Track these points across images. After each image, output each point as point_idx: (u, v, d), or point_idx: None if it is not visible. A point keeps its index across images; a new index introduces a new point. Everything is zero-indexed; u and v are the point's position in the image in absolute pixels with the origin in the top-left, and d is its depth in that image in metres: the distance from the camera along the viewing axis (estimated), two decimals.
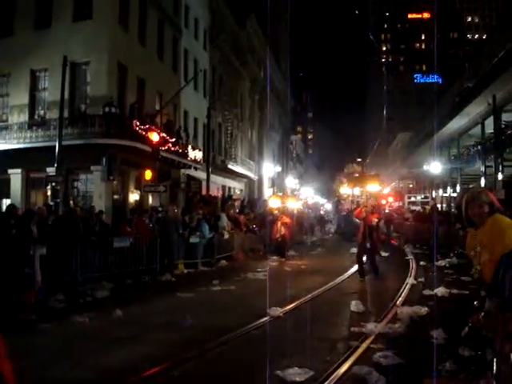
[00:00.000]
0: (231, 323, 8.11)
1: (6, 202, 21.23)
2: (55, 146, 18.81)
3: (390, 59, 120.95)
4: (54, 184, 21.34)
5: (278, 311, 8.84)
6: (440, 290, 10.80)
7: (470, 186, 33.31)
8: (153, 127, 21.94)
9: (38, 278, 10.21)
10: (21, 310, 9.10)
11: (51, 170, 19.62)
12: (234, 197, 33.95)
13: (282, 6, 64.14)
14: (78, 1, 22.10)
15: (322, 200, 78.54)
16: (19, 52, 21.99)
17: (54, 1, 22.36)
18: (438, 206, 35.87)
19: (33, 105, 23.06)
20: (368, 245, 13.55)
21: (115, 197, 22.49)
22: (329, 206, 75.31)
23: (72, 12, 22.03)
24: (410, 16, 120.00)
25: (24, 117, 22.69)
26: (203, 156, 29.54)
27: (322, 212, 51.27)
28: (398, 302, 9.98)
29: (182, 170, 28.88)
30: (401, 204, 47.27)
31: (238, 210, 24.73)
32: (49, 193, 22.32)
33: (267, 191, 47.66)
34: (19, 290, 9.73)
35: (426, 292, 10.96)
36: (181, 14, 29.99)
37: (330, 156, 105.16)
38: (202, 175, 29.14)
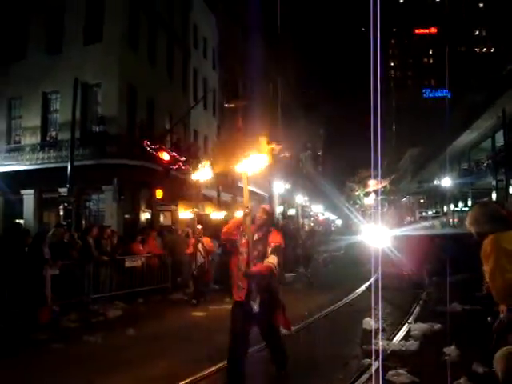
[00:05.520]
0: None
1: (20, 222, 21.44)
2: (67, 167, 19.00)
3: (398, 75, 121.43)
4: (66, 204, 21.51)
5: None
6: (453, 306, 10.72)
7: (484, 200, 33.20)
8: (163, 147, 22.11)
9: (49, 298, 10.30)
10: (33, 330, 9.16)
11: (63, 191, 19.77)
12: None
13: (290, 24, 64.45)
14: (89, 25, 22.39)
15: (332, 216, 78.42)
16: (31, 75, 22.33)
17: (65, 25, 22.71)
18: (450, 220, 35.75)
19: (45, 126, 23.34)
20: (255, 306, 5.65)
21: (126, 216, 22.60)
22: (339, 222, 75.09)
23: (83, 36, 22.35)
24: (417, 31, 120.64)
25: (36, 138, 22.99)
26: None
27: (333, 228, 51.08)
28: (410, 319, 9.94)
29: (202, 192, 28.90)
30: (412, 219, 47.07)
31: None
32: (61, 213, 22.48)
33: (278, 208, 47.62)
34: (32, 310, 9.81)
35: (439, 308, 10.86)
36: (189, 34, 30.31)
37: (341, 173, 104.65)
38: (212, 193, 29.19)
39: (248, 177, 6.09)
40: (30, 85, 22.62)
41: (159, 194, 22.18)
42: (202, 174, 8.77)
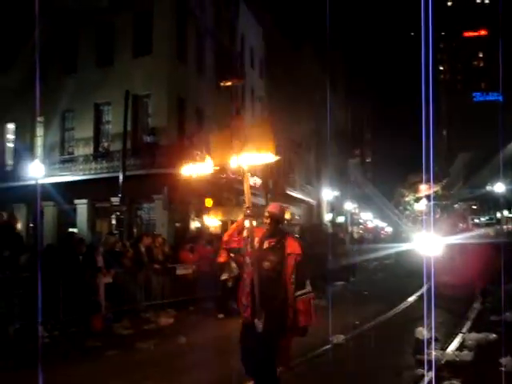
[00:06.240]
0: (294, 350, 8.08)
1: (74, 231, 22.02)
2: (119, 177, 19.42)
3: (448, 78, 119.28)
4: (118, 213, 21.98)
5: (340, 338, 8.77)
6: (508, 315, 10.42)
7: None
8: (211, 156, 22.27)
9: (102, 306, 10.55)
10: (87, 337, 9.38)
11: (115, 200, 20.24)
12: (292, 222, 33.81)
13: (337, 30, 64.24)
14: (138, 38, 22.96)
15: (381, 223, 77.31)
16: (83, 88, 22.94)
17: (115, 38, 23.34)
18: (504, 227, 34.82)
19: (97, 137, 23.98)
20: (259, 325, 4.75)
21: (177, 224, 22.88)
22: (389, 230, 73.91)
23: (132, 48, 22.92)
24: (465, 34, 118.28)
25: (89, 149, 23.66)
26: (262, 182, 29.70)
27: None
28: (464, 329, 9.72)
29: (242, 197, 29.07)
30: (465, 226, 45.92)
31: (297, 236, 24.60)
32: (113, 221, 22.96)
33: (326, 216, 47.36)
34: (86, 317, 10.07)
35: (494, 317, 10.58)
36: (237, 44, 30.58)
37: (390, 179, 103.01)
38: (261, 201, 29.23)
39: (247, 171, 5.30)
40: (82, 97, 23.27)
41: (209, 202, 22.36)
42: (197, 168, 5.69)
